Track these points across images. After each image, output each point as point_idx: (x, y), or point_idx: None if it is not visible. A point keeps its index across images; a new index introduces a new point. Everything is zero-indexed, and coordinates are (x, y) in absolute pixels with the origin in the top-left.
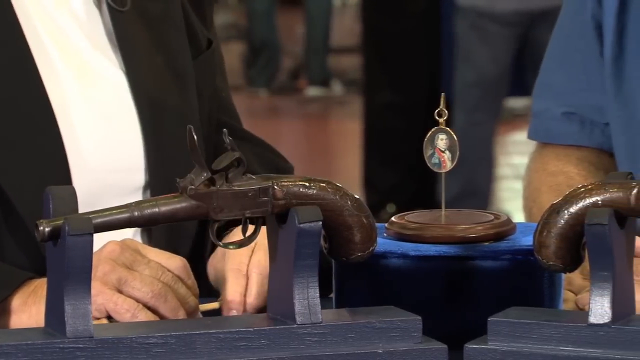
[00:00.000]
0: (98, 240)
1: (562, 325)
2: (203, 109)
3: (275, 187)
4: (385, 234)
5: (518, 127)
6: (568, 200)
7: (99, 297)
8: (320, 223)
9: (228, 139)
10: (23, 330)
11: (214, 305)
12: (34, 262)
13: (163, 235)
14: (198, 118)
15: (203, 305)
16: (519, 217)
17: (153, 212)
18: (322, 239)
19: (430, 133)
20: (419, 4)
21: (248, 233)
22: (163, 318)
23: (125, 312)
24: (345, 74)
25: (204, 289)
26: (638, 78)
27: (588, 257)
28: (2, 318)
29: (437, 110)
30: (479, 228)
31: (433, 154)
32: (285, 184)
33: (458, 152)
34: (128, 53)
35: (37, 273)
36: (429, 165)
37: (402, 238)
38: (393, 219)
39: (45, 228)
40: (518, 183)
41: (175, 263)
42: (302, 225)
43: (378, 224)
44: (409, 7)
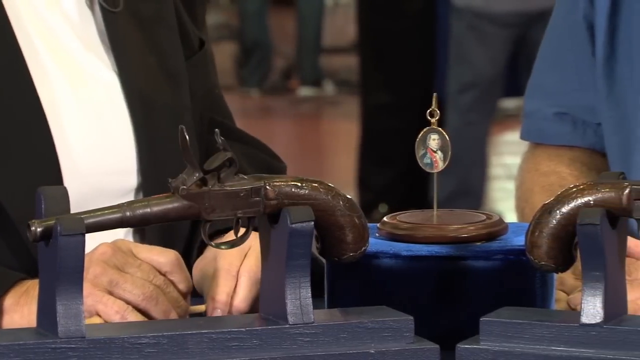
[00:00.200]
0: (90, 241)
1: (554, 325)
2: (196, 110)
3: (267, 187)
4: (378, 234)
5: (510, 127)
6: (560, 200)
7: (89, 298)
8: (312, 223)
9: (220, 139)
10: (15, 331)
11: (202, 308)
12: (25, 264)
13: (156, 236)
14: (191, 119)
15: (191, 307)
16: (511, 217)
17: (145, 212)
18: (314, 239)
19: (422, 133)
20: (415, 5)
21: (240, 233)
22: None
23: (115, 313)
24: (338, 74)
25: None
26: (629, 79)
27: (580, 257)
28: None
29: (429, 111)
30: (471, 228)
31: (425, 154)
32: (277, 184)
33: (450, 152)
34: (120, 54)
35: (27, 275)
36: (421, 166)
37: (394, 238)
38: (385, 219)
39: (37, 228)
40: (510, 183)
41: (169, 257)
42: (294, 226)
43: (370, 224)
44: (405, 7)
